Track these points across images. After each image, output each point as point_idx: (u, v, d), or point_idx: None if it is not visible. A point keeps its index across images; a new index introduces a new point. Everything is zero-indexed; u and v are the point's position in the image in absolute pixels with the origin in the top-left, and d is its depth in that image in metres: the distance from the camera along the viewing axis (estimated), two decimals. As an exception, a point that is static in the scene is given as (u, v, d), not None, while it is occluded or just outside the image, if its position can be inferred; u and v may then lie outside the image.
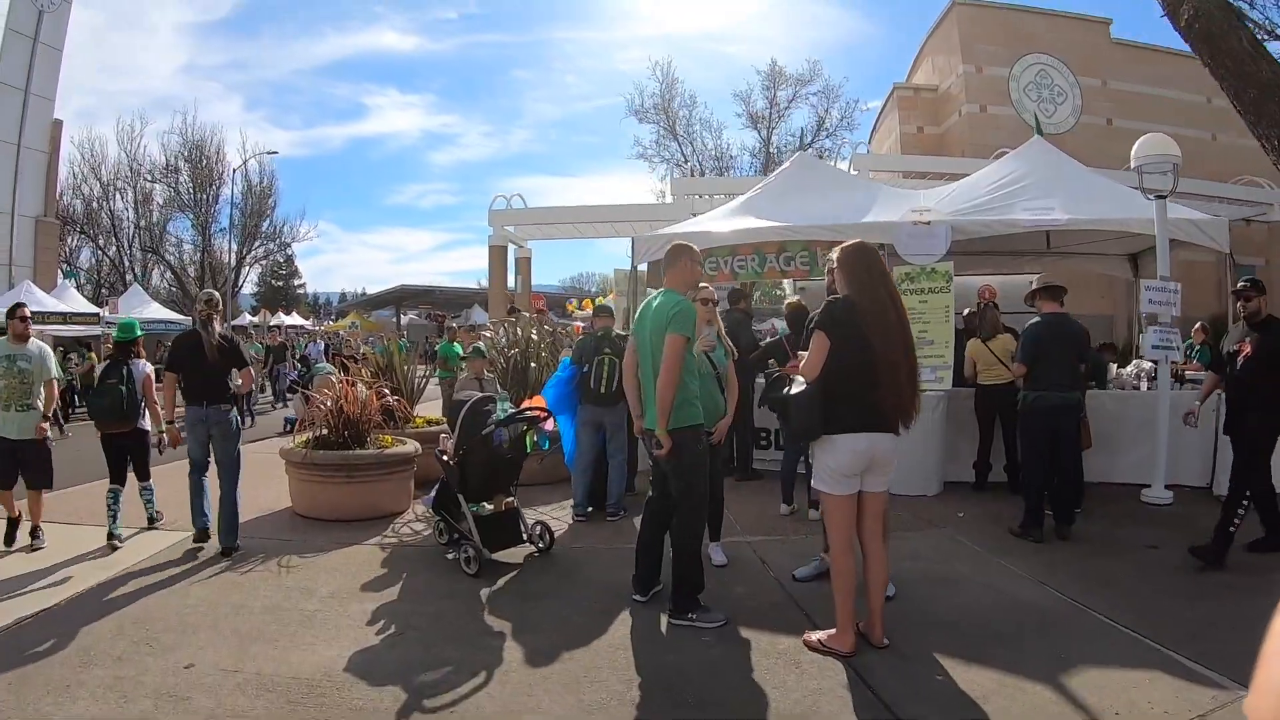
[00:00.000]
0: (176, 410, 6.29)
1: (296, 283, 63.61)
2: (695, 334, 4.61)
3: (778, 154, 29.57)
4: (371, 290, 61.49)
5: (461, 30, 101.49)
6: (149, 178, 39.56)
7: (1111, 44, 28.78)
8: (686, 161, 31.96)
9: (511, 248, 22.46)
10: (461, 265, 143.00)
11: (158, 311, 26.19)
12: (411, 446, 7.40)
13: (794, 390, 4.24)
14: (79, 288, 33.85)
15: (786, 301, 7.64)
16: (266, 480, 7.85)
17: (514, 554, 5.82)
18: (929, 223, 9.08)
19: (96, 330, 21.05)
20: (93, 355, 17.55)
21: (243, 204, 40.96)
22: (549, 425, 6.45)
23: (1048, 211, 9.15)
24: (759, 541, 6.32)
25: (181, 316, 27.91)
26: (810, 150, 29.98)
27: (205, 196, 40.63)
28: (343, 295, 72.32)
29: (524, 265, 23.77)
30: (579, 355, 7.21)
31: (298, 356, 22.28)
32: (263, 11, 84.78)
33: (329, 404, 7.15)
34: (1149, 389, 8.54)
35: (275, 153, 41.18)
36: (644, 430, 4.77)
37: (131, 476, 6.58)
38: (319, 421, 7.15)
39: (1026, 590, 5.15)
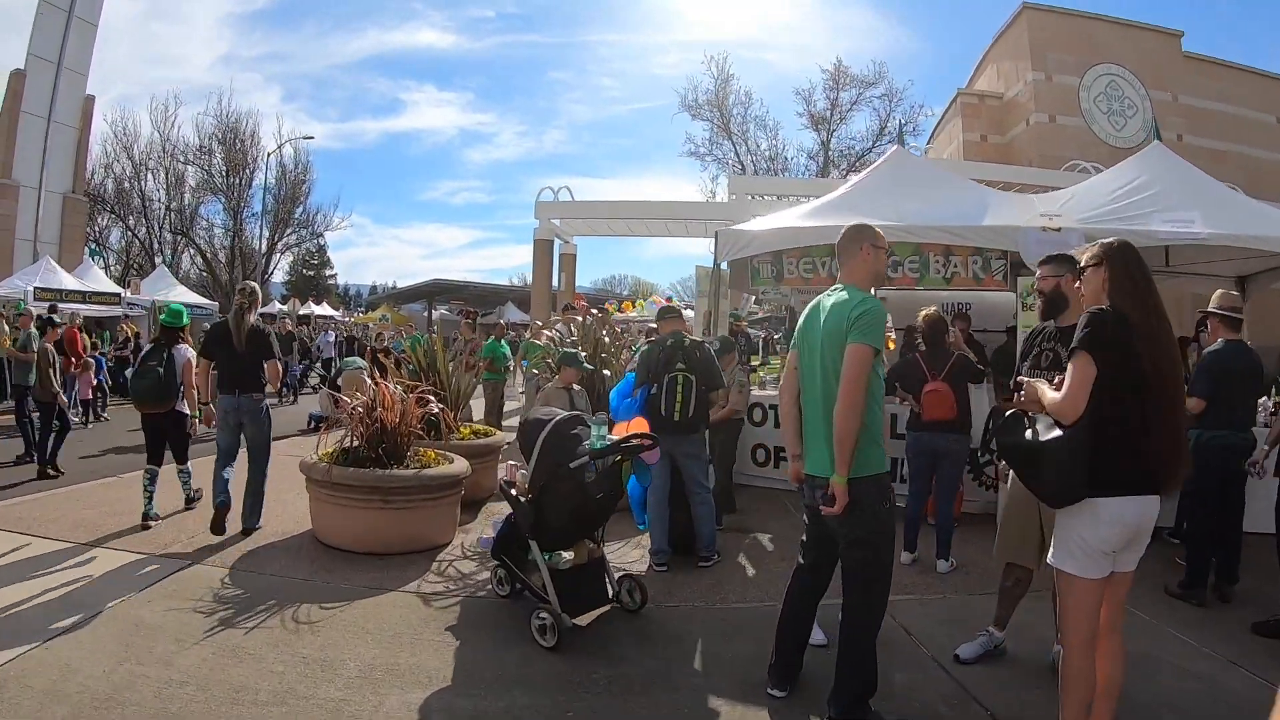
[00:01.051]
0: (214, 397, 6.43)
1: (328, 273, 62.88)
2: (885, 345, 3.35)
3: (837, 158, 28.20)
4: (402, 284, 60.76)
5: (499, 30, 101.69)
6: (182, 159, 38.85)
7: (1183, 57, 27.55)
8: (740, 160, 30.60)
9: (556, 243, 21.21)
10: (493, 263, 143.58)
11: (184, 295, 25.26)
12: (460, 466, 6.13)
13: (1047, 435, 2.94)
14: (107, 268, 33.22)
15: (923, 314, 6.36)
16: (284, 491, 6.78)
17: (595, 614, 4.60)
18: (1059, 229, 7.91)
19: (117, 311, 20.19)
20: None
21: (276, 189, 40.17)
22: (654, 456, 5.07)
23: (1188, 224, 8.05)
24: (892, 602, 5.02)
25: (209, 302, 27.13)
26: (872, 154, 28.66)
27: (238, 180, 39.91)
28: (373, 288, 71.65)
29: (568, 262, 22.50)
30: (646, 371, 5.87)
31: (305, 350, 21.44)
32: (303, 4, 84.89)
33: (359, 408, 5.95)
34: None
35: (311, 138, 40.41)
36: (806, 477, 3.55)
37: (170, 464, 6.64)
38: (348, 429, 5.97)
39: (1222, 673, 4.23)
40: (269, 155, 38.28)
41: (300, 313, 32.50)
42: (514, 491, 4.47)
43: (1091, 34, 26.90)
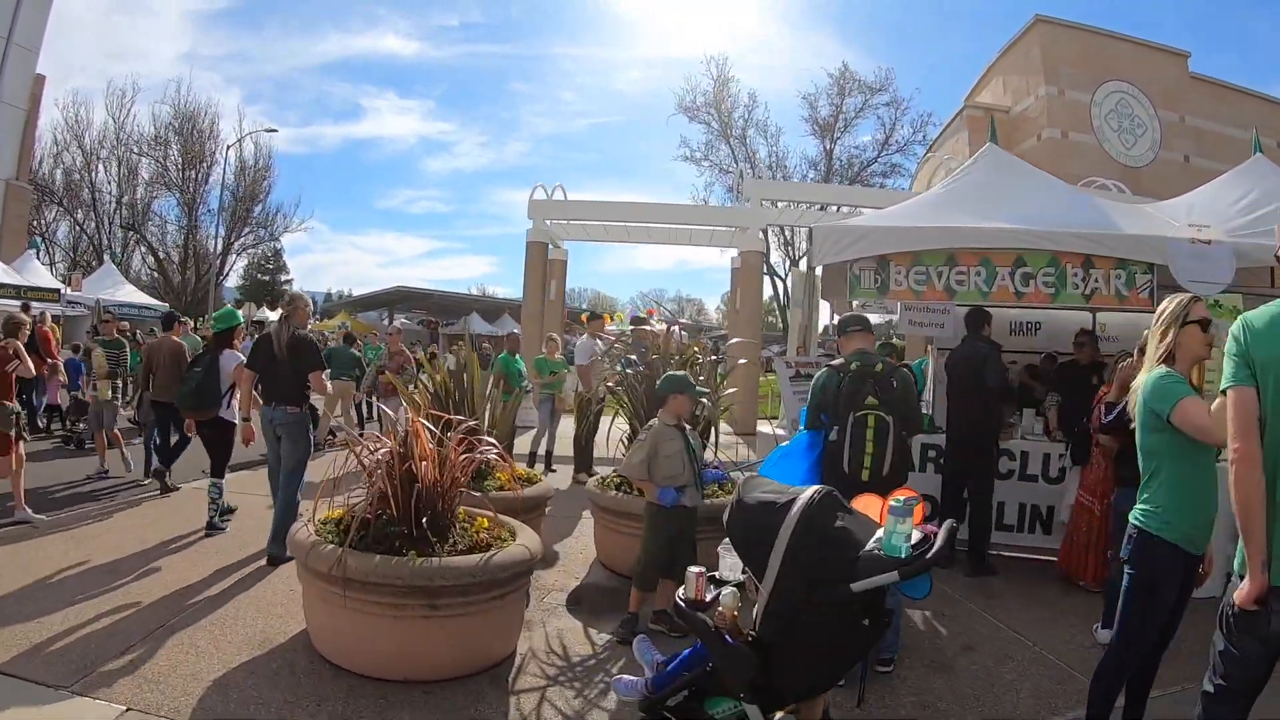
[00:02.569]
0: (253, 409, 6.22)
1: (284, 278, 60.72)
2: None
3: (842, 167, 26.80)
4: (359, 292, 58.78)
5: (462, 39, 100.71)
6: (136, 149, 36.23)
7: (1190, 78, 26.96)
8: (737, 166, 29.06)
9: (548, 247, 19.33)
10: (451, 274, 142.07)
11: (131, 294, 22.99)
12: (530, 542, 4.24)
13: None
14: (52, 265, 30.65)
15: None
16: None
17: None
18: (1209, 241, 6.77)
19: (56, 309, 17.92)
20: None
21: (235, 185, 37.72)
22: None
23: None
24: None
25: (158, 303, 24.79)
26: (877, 165, 27.37)
27: (195, 174, 37.36)
28: (329, 295, 69.36)
29: (557, 269, 20.60)
30: (819, 405, 4.31)
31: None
32: (266, 4, 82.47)
33: (378, 452, 4.13)
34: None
35: (275, 130, 37.80)
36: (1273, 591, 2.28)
37: None
38: (367, 492, 4.13)
39: None
40: (228, 149, 36.00)
41: (255, 318, 30.28)
42: (713, 623, 2.65)
43: (1102, 50, 26.19)
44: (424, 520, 3.91)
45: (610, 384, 6.09)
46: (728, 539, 2.84)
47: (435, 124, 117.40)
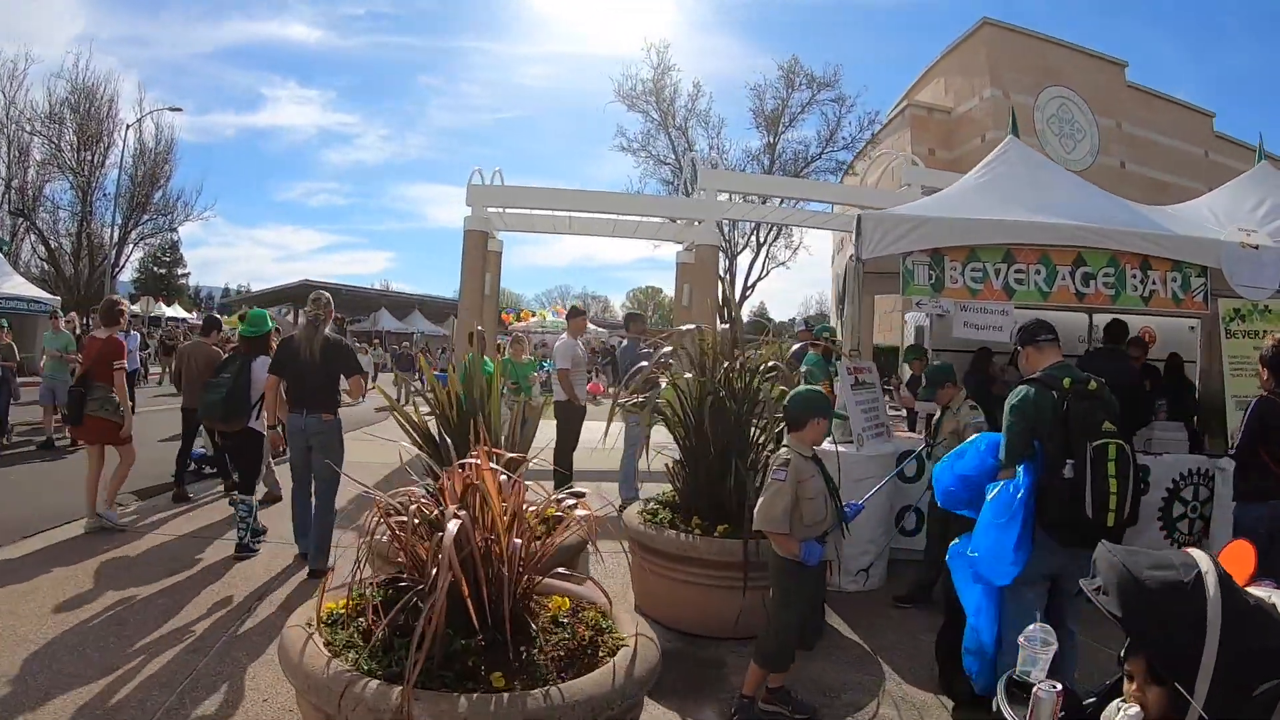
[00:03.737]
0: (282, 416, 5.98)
1: (180, 272, 57.72)
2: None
3: (786, 162, 26.12)
4: (257, 287, 56.16)
5: (369, 29, 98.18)
6: (28, 128, 33.11)
7: (1126, 87, 27.66)
8: (689, 154, 28.08)
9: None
10: (349, 269, 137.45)
11: (22, 287, 20.75)
12: (644, 632, 2.99)
13: None
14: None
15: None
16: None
17: None
18: (1257, 246, 6.55)
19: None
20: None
21: (133, 169, 34.91)
22: None
23: None
24: None
25: (50, 297, 22.51)
26: (817, 162, 26.81)
27: (91, 156, 34.36)
28: (225, 290, 66.19)
29: (493, 261, 19.31)
30: (1031, 432, 3.44)
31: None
32: (168, -16, 77.89)
33: (405, 511, 2.97)
34: None
35: (179, 109, 35.21)
36: None
37: None
38: (411, 574, 2.92)
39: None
40: (128, 129, 33.29)
41: (152, 314, 28.06)
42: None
43: (1045, 56, 26.61)
44: (502, 616, 2.69)
45: (641, 393, 5.00)
46: (1037, 628, 1.91)
47: (337, 115, 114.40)
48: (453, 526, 2.57)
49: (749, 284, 30.03)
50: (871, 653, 4.68)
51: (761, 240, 29.30)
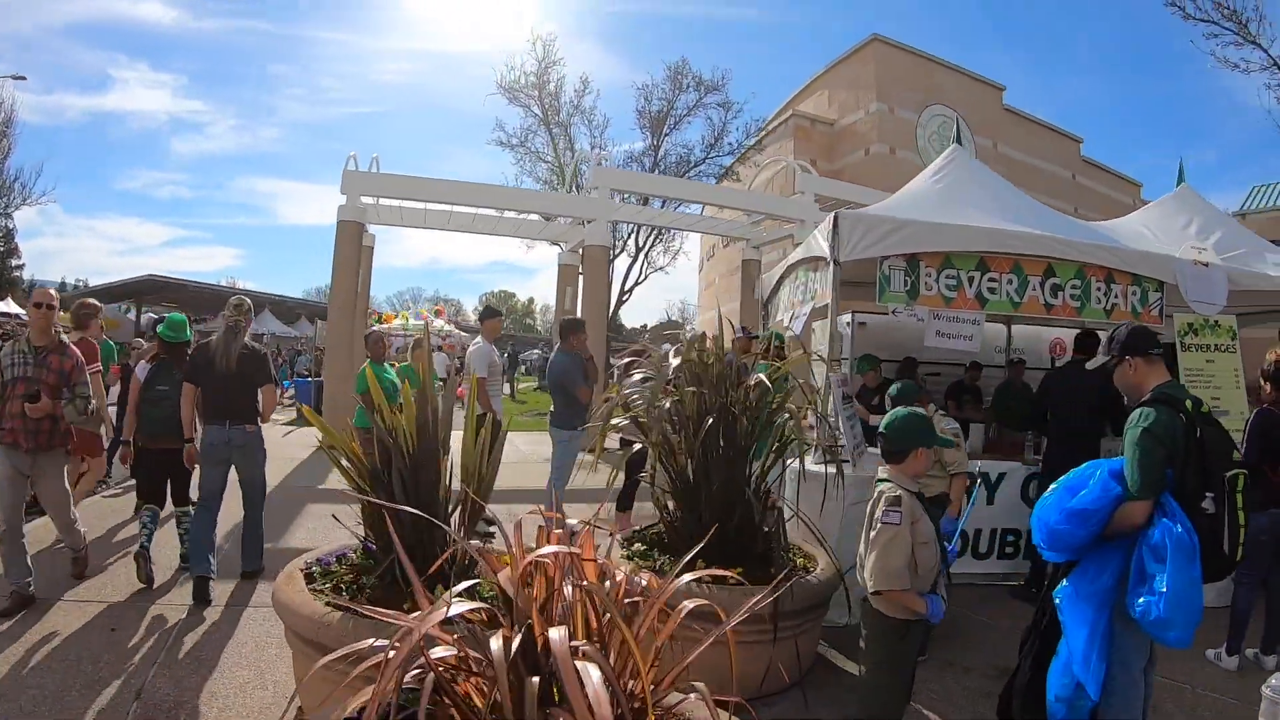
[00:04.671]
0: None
1: (14, 263, 52.26)
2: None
3: (669, 165, 25.54)
4: (95, 282, 51.57)
5: (225, 12, 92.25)
6: None
7: (1003, 110, 28.72)
8: (558, 157, 27.05)
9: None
10: (194, 265, 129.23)
11: None
12: None
13: None
14: None
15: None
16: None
17: None
18: (1207, 264, 6.71)
19: None
20: None
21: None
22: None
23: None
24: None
25: None
26: (700, 166, 26.39)
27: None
28: (63, 284, 60.48)
29: (365, 257, 17.83)
30: (1167, 461, 2.96)
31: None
32: (12, -48, 71.11)
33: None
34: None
35: (23, 78, 31.49)
36: None
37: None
38: None
39: None
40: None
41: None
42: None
43: (930, 75, 27.25)
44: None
45: (622, 415, 4.14)
46: None
47: (187, 102, 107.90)
48: (595, 676, 1.56)
49: (626, 288, 29.41)
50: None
51: (640, 244, 28.66)
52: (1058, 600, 3.13)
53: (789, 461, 4.50)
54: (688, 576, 2.11)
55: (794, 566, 3.78)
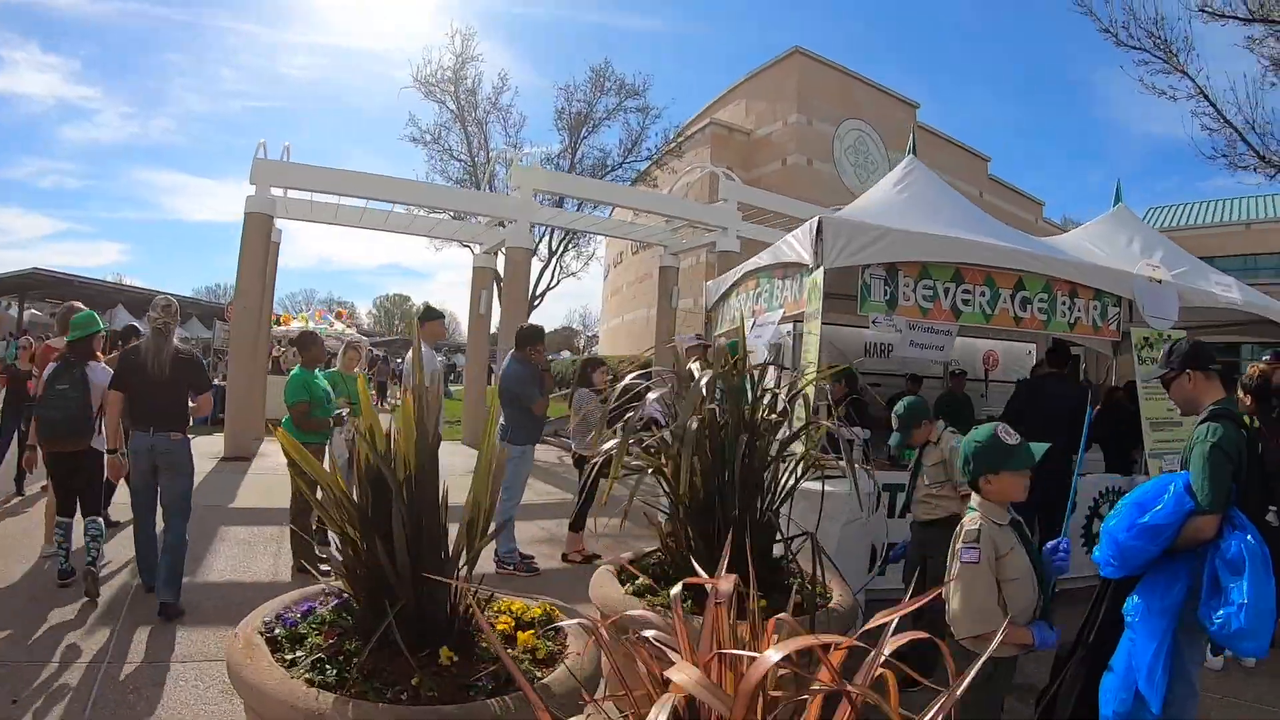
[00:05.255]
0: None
1: None
2: None
3: (586, 169, 25.03)
4: None
5: None
6: None
7: (916, 127, 29.15)
8: (471, 156, 26.21)
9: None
10: (80, 260, 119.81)
11: None
12: None
13: None
14: None
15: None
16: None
17: None
18: (1161, 281, 6.84)
19: None
20: None
21: None
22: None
23: (1228, 289, 7.64)
24: None
25: None
26: (617, 171, 26.04)
27: None
28: (-71, 279, 55.82)
29: (273, 255, 16.74)
30: (1234, 477, 2.95)
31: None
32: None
33: None
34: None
35: None
36: None
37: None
38: None
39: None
40: None
41: None
42: None
43: (848, 89, 27.65)
44: None
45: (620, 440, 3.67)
46: None
47: (78, 88, 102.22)
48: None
49: (538, 293, 28.71)
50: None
51: (554, 247, 28.07)
52: (1130, 617, 3.03)
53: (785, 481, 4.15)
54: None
55: (818, 595, 3.43)
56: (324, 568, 5.87)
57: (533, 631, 2.67)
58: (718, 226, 17.52)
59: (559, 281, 29.22)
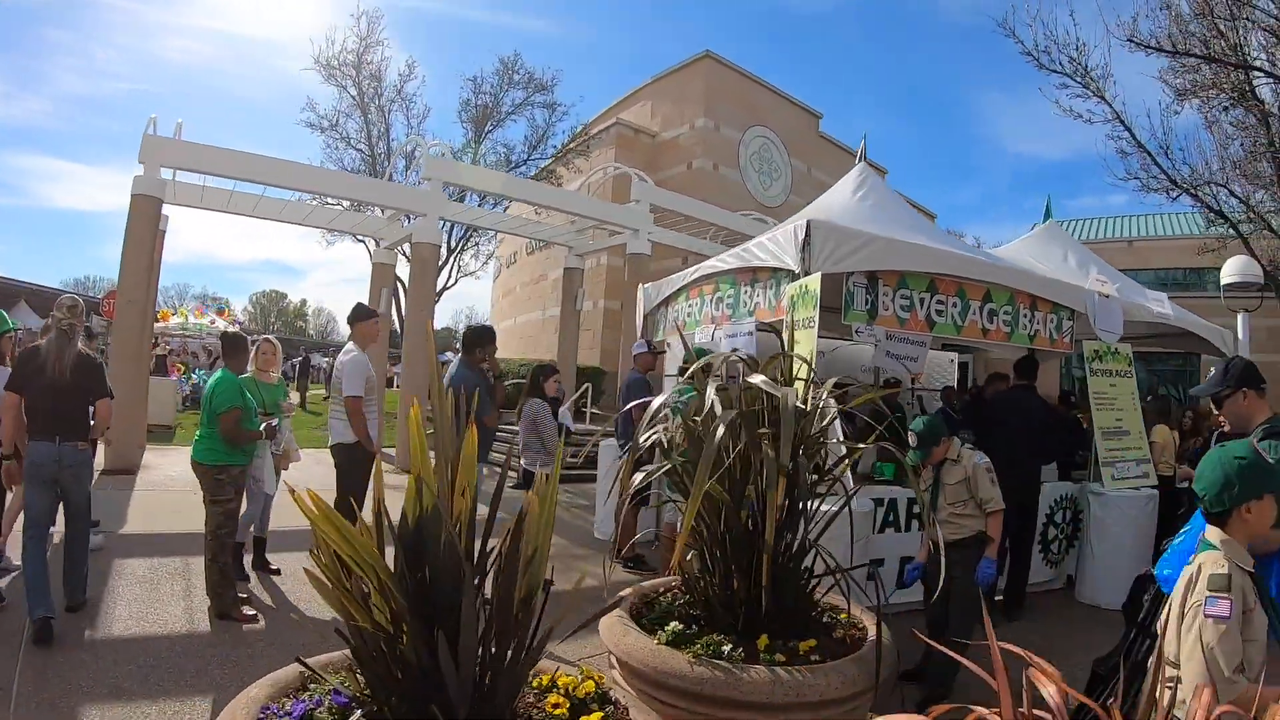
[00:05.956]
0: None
1: None
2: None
3: (489, 165, 24.21)
4: None
5: None
6: None
7: (818, 136, 29.87)
8: (370, 145, 25.06)
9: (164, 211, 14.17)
10: None
11: None
12: None
13: None
14: None
15: None
16: None
17: None
18: (1109, 295, 7.09)
19: None
20: None
21: None
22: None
23: (1161, 304, 7.99)
24: None
25: None
26: (521, 168, 25.42)
27: None
28: None
29: (159, 244, 15.37)
30: None
31: None
32: None
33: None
34: None
35: None
36: None
37: None
38: None
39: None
40: None
41: None
42: None
43: (754, 96, 27.83)
44: None
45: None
46: None
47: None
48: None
49: (436, 292, 27.57)
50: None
51: (452, 245, 27.09)
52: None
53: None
54: None
55: (855, 631, 3.14)
56: (248, 610, 5.24)
57: (600, 716, 2.19)
58: (629, 228, 17.21)
59: (457, 281, 28.38)
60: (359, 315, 6.21)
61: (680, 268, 8.09)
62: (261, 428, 5.51)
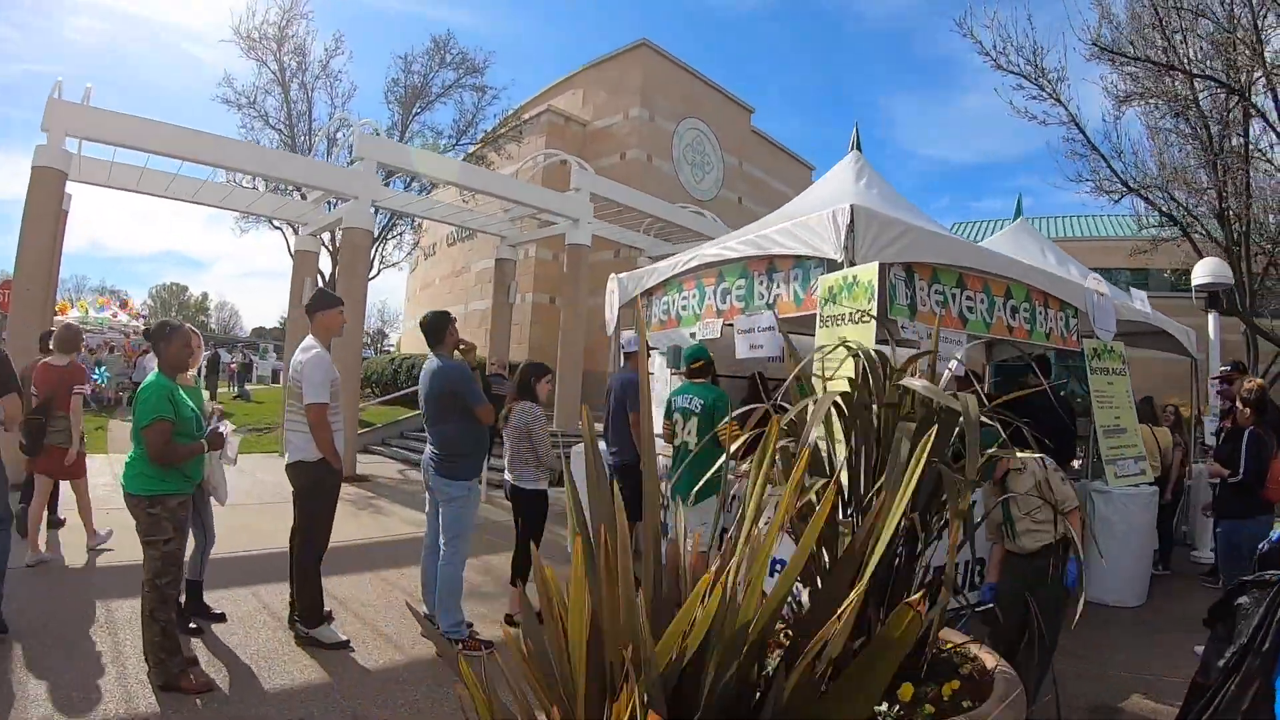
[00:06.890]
0: None
1: None
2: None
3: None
4: None
5: None
6: None
7: (750, 131, 29.82)
8: (291, 125, 23.70)
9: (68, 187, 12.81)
10: None
11: None
12: None
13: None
14: None
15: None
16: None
17: None
18: (1103, 294, 7.09)
19: None
20: None
21: None
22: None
23: (1144, 304, 8.22)
24: None
25: None
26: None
27: None
28: None
29: (61, 224, 13.92)
30: None
31: None
32: None
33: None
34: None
35: None
36: None
37: None
38: None
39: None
40: None
41: None
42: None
43: (689, 88, 27.59)
44: None
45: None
46: None
47: None
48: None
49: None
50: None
51: (377, 235, 25.88)
52: None
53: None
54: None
55: (972, 662, 2.75)
56: (200, 677, 4.17)
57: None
58: (570, 218, 16.65)
59: (379, 272, 27.09)
60: (321, 303, 5.08)
61: (612, 260, 7.68)
62: (205, 436, 4.47)
